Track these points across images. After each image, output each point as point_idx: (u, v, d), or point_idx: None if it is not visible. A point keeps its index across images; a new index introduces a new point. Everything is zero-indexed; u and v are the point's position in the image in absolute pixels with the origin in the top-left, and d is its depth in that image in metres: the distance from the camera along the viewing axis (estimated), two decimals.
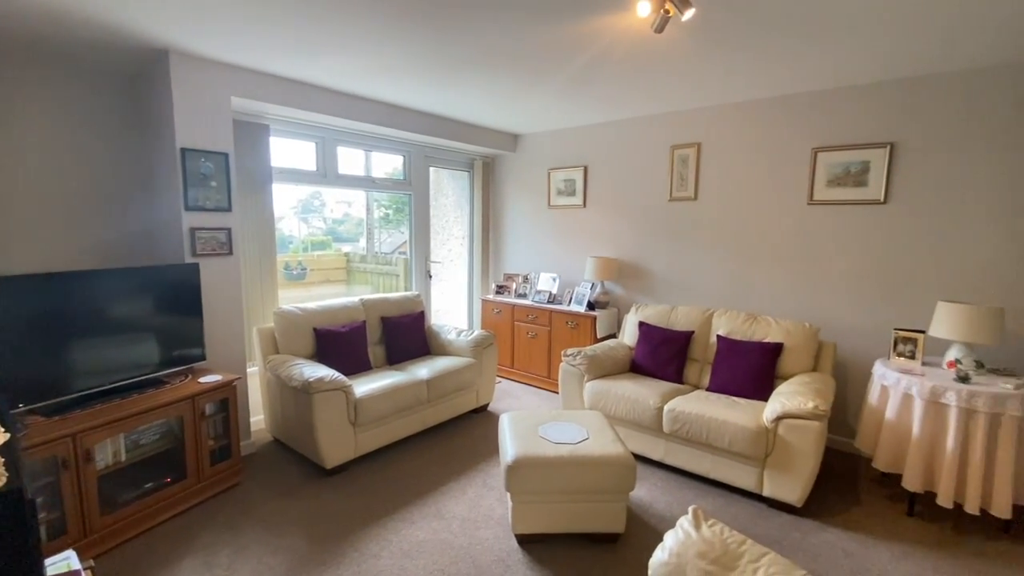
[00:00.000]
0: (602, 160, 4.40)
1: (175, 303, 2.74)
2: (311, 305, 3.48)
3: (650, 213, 4.15)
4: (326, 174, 3.93)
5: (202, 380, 2.71)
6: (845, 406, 3.31)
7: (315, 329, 3.36)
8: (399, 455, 3.23)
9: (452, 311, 5.51)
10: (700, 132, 3.81)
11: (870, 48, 2.54)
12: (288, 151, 3.79)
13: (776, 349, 3.07)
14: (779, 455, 2.56)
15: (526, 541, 2.37)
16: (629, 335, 3.78)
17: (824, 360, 3.08)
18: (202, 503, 2.66)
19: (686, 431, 2.83)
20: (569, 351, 3.46)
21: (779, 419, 2.56)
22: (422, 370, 3.49)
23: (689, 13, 1.88)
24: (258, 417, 3.49)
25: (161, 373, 2.70)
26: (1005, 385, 2.38)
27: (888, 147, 3.04)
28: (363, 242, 5.34)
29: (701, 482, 2.91)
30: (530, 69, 2.93)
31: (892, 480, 2.88)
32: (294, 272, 4.83)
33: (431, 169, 4.86)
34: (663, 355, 3.44)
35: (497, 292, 4.89)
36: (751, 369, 3.07)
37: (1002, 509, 2.33)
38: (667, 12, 1.93)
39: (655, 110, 3.91)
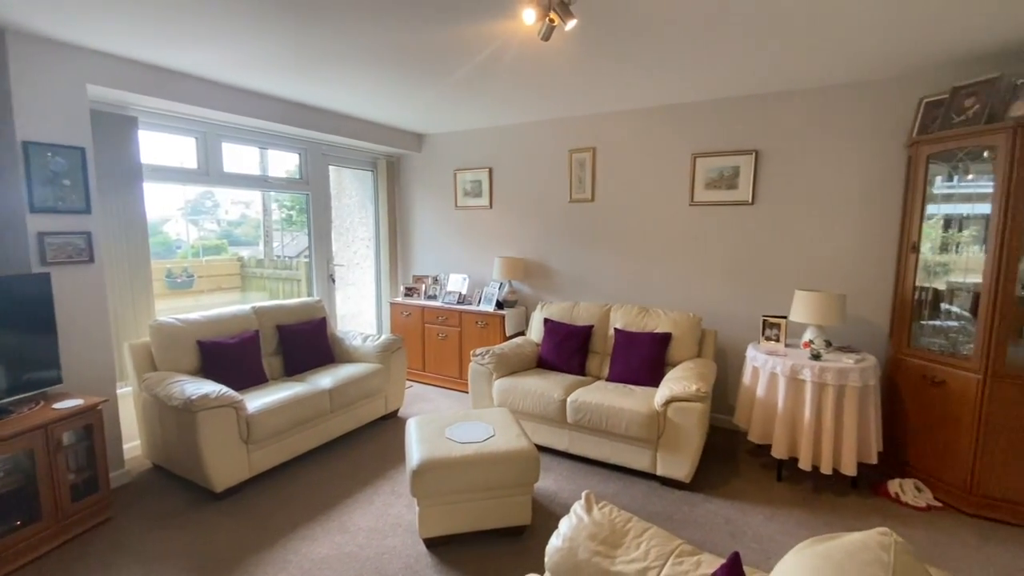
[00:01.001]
0: (507, 162, 4.48)
1: (20, 320, 2.37)
2: (194, 315, 3.18)
3: (552, 214, 4.30)
4: (209, 172, 3.61)
5: (57, 406, 2.38)
6: (726, 387, 3.66)
7: (199, 342, 3.08)
8: (301, 471, 3.06)
9: (360, 316, 5.32)
10: (595, 137, 4.02)
11: (739, 67, 2.83)
12: (164, 147, 3.44)
13: (665, 338, 3.32)
14: (669, 436, 2.78)
15: (434, 544, 2.36)
16: (536, 332, 3.90)
17: (707, 346, 3.39)
18: (65, 544, 2.34)
19: (588, 420, 2.97)
20: (478, 351, 3.49)
21: (668, 403, 2.77)
22: (324, 379, 3.33)
23: (572, 23, 1.98)
24: (133, 443, 3.14)
25: (6, 401, 2.33)
26: (848, 360, 2.77)
27: (754, 154, 3.41)
28: (262, 246, 5.00)
29: (603, 468, 3.08)
30: (420, 69, 2.91)
31: (764, 450, 3.24)
32: (179, 280, 4.39)
33: (331, 168, 4.65)
34: (567, 349, 3.59)
35: (406, 294, 4.80)
36: (644, 358, 3.29)
37: (849, 467, 2.71)
38: (552, 21, 2.01)
39: (553, 115, 4.06)
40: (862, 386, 2.69)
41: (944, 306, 2.86)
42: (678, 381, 2.83)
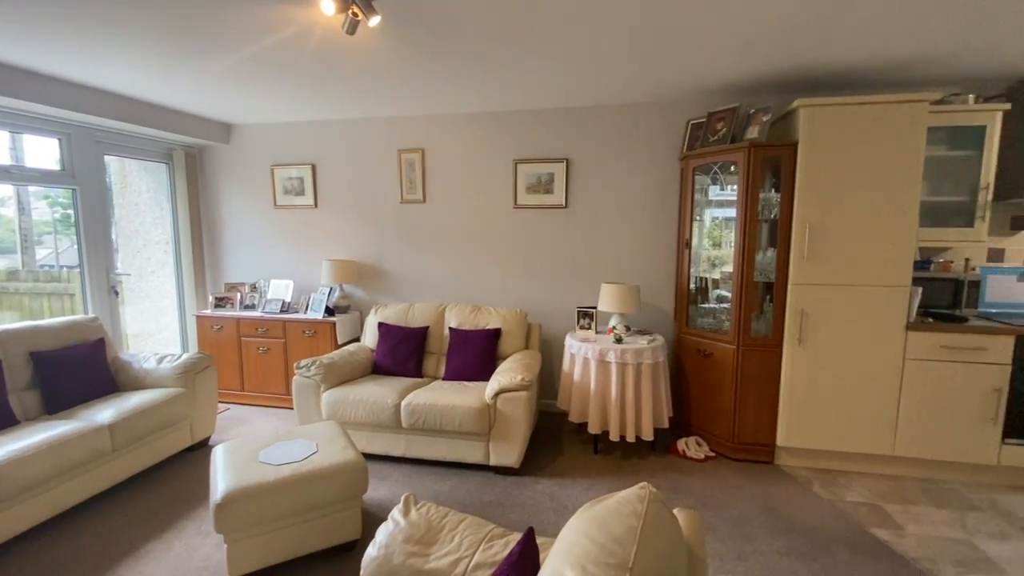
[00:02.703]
0: (332, 159, 4.23)
1: None
2: None
3: (384, 214, 4.19)
4: None
5: None
6: (551, 375, 3.98)
7: None
8: (74, 526, 2.49)
9: (158, 334, 4.54)
10: (424, 138, 4.02)
11: (547, 82, 3.08)
12: None
13: (496, 334, 3.48)
14: (499, 427, 2.91)
15: None
16: (370, 337, 3.76)
17: (533, 339, 3.64)
18: None
19: (423, 422, 2.96)
20: (303, 362, 3.23)
21: (497, 395, 2.91)
22: (103, 413, 2.77)
23: (375, 19, 1.94)
24: None
25: None
26: (643, 342, 3.21)
27: (565, 162, 3.76)
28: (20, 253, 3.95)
29: (440, 467, 3.10)
30: (200, 43, 2.59)
31: (583, 428, 3.60)
32: None
33: (111, 159, 3.88)
34: (402, 352, 3.53)
35: (217, 305, 4.23)
36: (478, 354, 3.41)
37: (648, 433, 3.15)
38: (355, 15, 1.94)
39: (381, 113, 3.96)
40: (654, 363, 3.16)
41: (717, 292, 3.49)
42: (506, 373, 2.99)
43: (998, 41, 2.47)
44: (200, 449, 3.38)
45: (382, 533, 1.52)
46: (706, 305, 3.48)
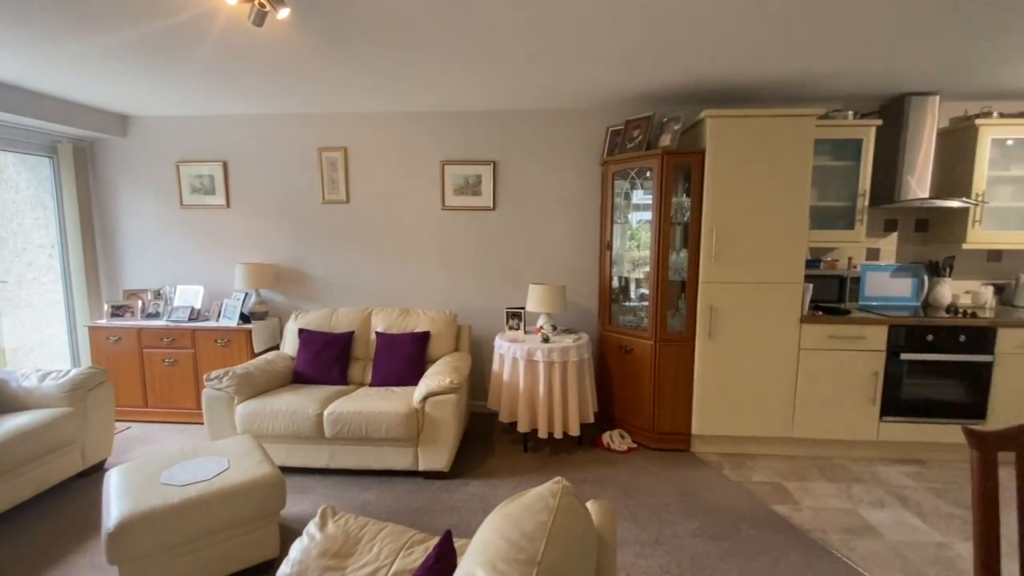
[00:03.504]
0: (246, 156, 3.99)
1: None
2: None
3: (305, 215, 4.01)
4: None
5: None
6: (482, 376, 3.99)
7: None
8: None
9: (43, 347, 4.05)
10: (346, 137, 3.89)
11: (473, 87, 3.08)
12: None
13: (425, 337, 3.43)
14: (428, 431, 2.88)
15: None
16: (290, 345, 3.58)
17: (463, 341, 3.63)
18: None
19: (347, 431, 2.86)
20: (214, 373, 3.02)
21: (425, 399, 2.87)
22: None
23: (284, 12, 1.86)
24: None
25: None
26: (568, 340, 3.31)
27: (492, 164, 3.79)
28: None
29: (367, 476, 3.01)
30: (72, 16, 2.36)
31: (513, 428, 3.64)
32: None
33: None
34: (326, 359, 3.40)
35: (114, 315, 3.85)
36: (406, 359, 3.35)
37: (574, 429, 3.24)
38: (262, 6, 1.85)
39: (300, 109, 3.78)
40: (579, 360, 3.26)
41: (640, 291, 3.65)
42: (434, 376, 2.96)
43: (871, 64, 2.79)
44: (95, 474, 3.06)
45: (296, 549, 1.45)
46: (628, 304, 3.64)
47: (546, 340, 3.26)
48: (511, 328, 3.55)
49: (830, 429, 3.18)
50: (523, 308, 3.56)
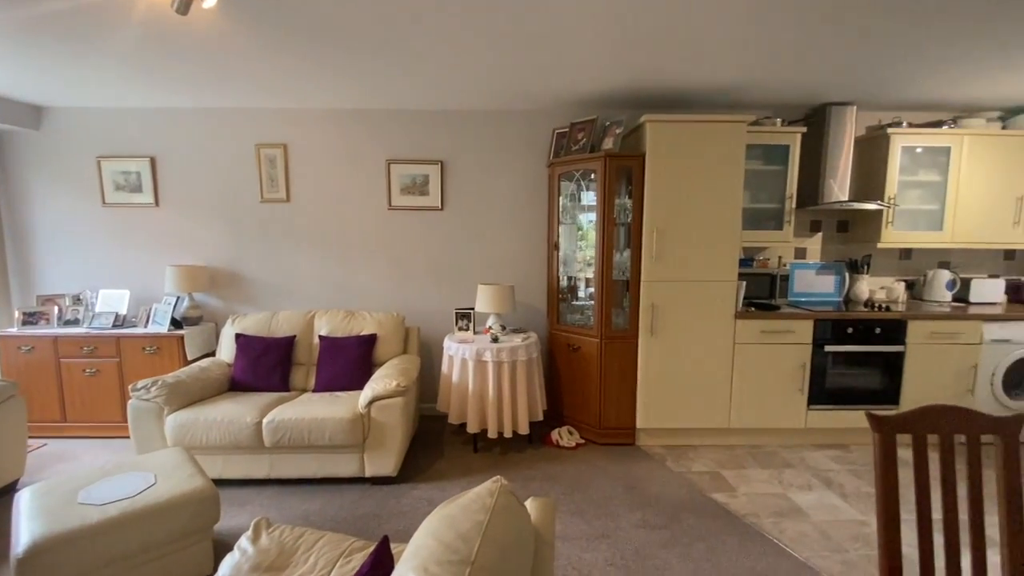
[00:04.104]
0: (177, 152, 3.76)
1: None
2: None
3: (242, 214, 3.83)
4: None
5: None
6: (432, 378, 3.95)
7: None
8: None
9: None
10: (286, 133, 3.75)
11: (416, 85, 3.04)
12: None
13: (371, 340, 3.36)
14: (375, 436, 2.82)
15: None
16: (227, 350, 3.42)
17: (411, 343, 3.58)
18: None
19: (288, 439, 2.76)
20: (140, 383, 2.83)
21: (371, 403, 2.81)
22: None
23: (210, 1, 1.76)
24: None
25: None
26: (517, 339, 3.33)
27: (440, 164, 3.76)
28: None
29: (310, 484, 2.92)
30: None
31: (463, 429, 3.63)
32: None
33: None
34: (265, 365, 3.26)
35: (26, 322, 3.53)
36: (351, 362, 3.26)
37: (524, 428, 3.26)
38: None
39: (235, 103, 3.61)
40: (528, 359, 3.29)
41: (587, 290, 3.72)
42: (380, 380, 2.90)
43: (795, 75, 2.97)
44: (5, 496, 2.80)
45: (226, 565, 1.39)
46: (576, 303, 3.70)
47: (495, 340, 3.27)
48: (460, 329, 3.54)
49: (763, 418, 3.36)
50: (472, 309, 3.55)
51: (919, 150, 3.50)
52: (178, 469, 2.20)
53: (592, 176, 3.37)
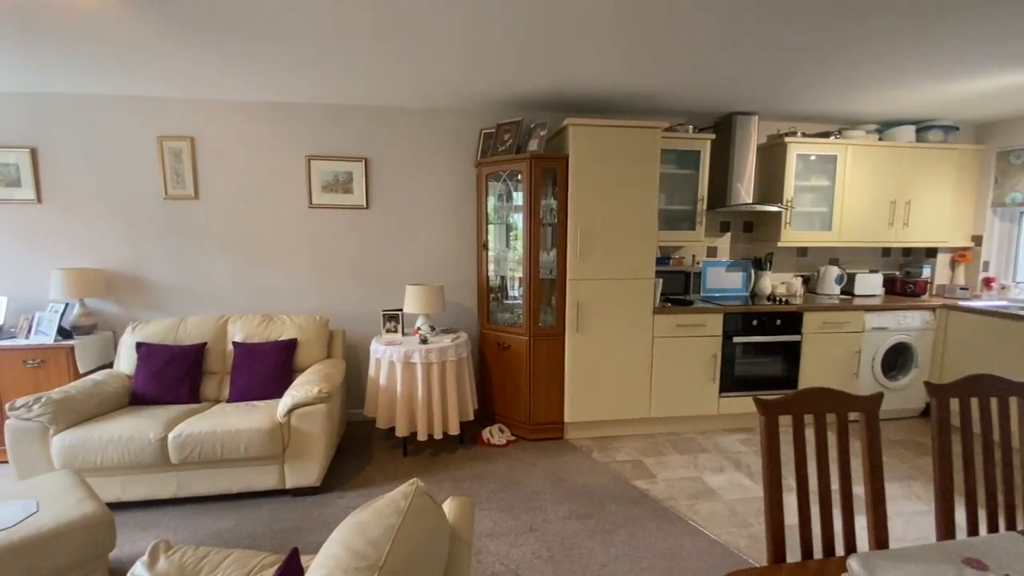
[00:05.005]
0: (64, 142, 3.38)
1: None
2: None
3: (143, 213, 3.52)
4: None
5: None
6: (359, 382, 3.84)
7: None
8: None
9: None
10: (193, 125, 3.48)
11: (339, 77, 2.93)
12: None
13: (291, 345, 3.21)
14: (295, 445, 2.70)
15: None
16: (126, 361, 3.13)
17: (336, 347, 3.46)
18: None
19: (199, 454, 2.57)
20: (19, 401, 2.53)
21: (291, 411, 2.68)
22: None
23: None
24: None
25: None
26: (447, 340, 3.31)
27: (363, 161, 3.66)
28: None
29: (226, 500, 2.74)
30: None
31: (392, 433, 3.56)
32: None
33: None
34: (172, 376, 3.02)
35: None
36: (269, 370, 3.10)
37: (454, 428, 3.26)
38: None
39: (132, 90, 3.30)
40: (458, 360, 3.28)
41: (517, 289, 3.76)
42: (301, 387, 2.78)
43: (702, 88, 3.18)
44: None
45: None
46: (506, 302, 3.75)
47: (424, 341, 3.24)
48: (388, 331, 3.47)
49: (681, 407, 3.58)
50: (401, 310, 3.49)
51: (812, 157, 3.87)
52: (66, 494, 1.98)
53: (519, 177, 3.42)
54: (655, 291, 3.45)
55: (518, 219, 3.56)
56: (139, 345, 3.08)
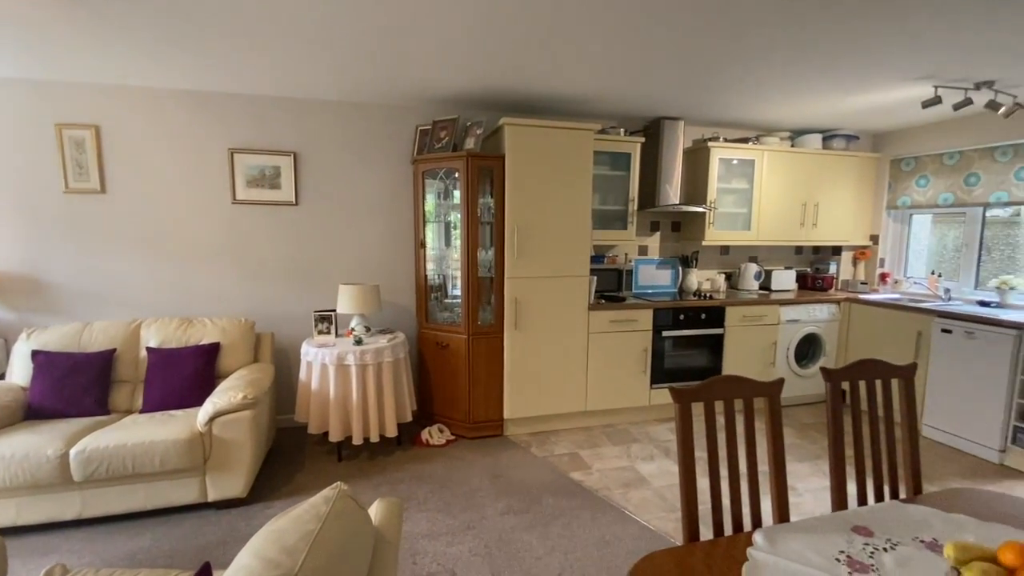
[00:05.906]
0: None
1: None
2: None
3: (39, 208, 3.19)
4: None
5: None
6: (291, 387, 3.69)
7: None
8: None
9: None
10: (99, 112, 3.20)
11: (265, 66, 2.79)
12: None
13: (213, 349, 3.03)
14: (218, 456, 2.55)
15: None
16: (20, 372, 2.83)
17: (264, 350, 3.30)
18: None
19: (106, 470, 2.37)
20: None
21: (212, 419, 2.53)
22: None
23: None
24: None
25: None
26: (383, 340, 3.25)
27: (292, 155, 3.51)
28: None
29: (139, 519, 2.54)
30: None
31: (325, 438, 3.44)
32: None
33: None
34: (75, 386, 2.76)
35: None
36: (189, 376, 2.90)
37: (392, 430, 3.20)
38: None
39: (23, 73, 2.98)
40: (394, 360, 3.22)
41: (455, 289, 3.74)
42: (224, 393, 2.63)
43: (635, 91, 3.30)
44: None
45: None
46: (445, 300, 3.72)
47: (359, 342, 3.15)
48: (320, 332, 3.35)
49: (615, 399, 3.71)
50: (334, 311, 3.38)
51: (734, 161, 4.12)
52: None
53: (456, 175, 3.41)
54: (590, 288, 3.55)
55: (457, 217, 3.55)
56: (35, 353, 2.79)
